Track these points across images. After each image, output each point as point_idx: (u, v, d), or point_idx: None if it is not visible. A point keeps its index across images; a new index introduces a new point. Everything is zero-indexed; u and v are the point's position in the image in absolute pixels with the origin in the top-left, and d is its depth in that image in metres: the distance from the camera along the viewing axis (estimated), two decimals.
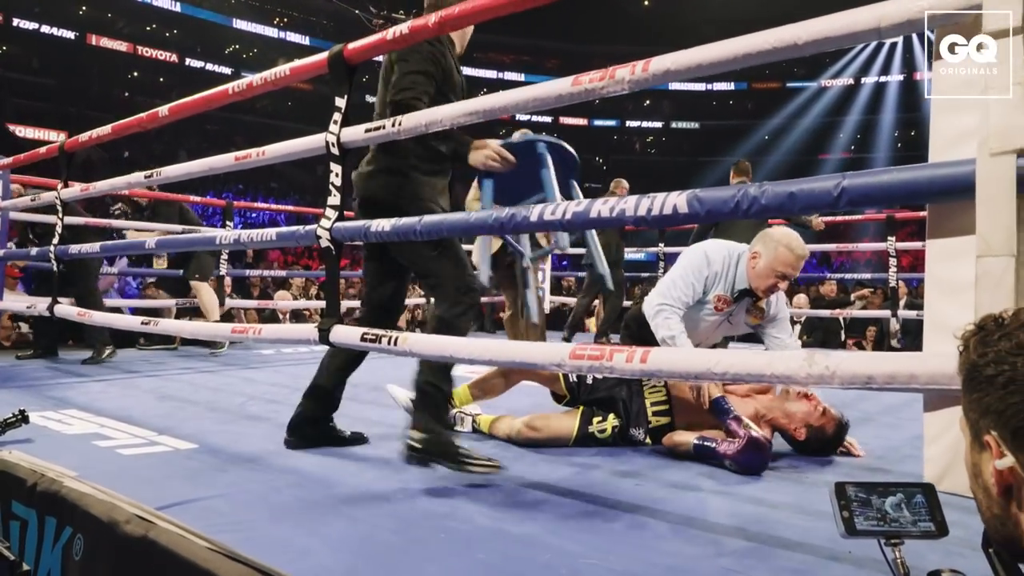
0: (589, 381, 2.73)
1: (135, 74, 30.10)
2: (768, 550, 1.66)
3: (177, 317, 6.01)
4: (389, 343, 1.90)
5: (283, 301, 6.89)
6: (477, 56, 35.11)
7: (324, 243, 2.12)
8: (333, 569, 1.52)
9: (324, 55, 2.20)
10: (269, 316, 6.95)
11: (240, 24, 31.60)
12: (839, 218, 7.73)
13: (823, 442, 2.60)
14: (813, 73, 31.73)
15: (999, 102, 1.05)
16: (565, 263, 8.58)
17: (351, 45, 2.14)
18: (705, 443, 2.44)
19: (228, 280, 6.32)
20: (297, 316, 7.28)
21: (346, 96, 2.15)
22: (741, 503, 2.05)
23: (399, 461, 2.39)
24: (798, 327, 8.29)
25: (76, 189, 3.46)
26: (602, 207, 1.52)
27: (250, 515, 1.83)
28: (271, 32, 32.74)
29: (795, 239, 2.85)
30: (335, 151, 2.13)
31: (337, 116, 2.14)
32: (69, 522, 1.92)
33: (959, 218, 1.13)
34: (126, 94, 28.62)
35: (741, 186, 1.33)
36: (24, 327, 5.56)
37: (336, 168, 2.14)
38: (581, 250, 6.23)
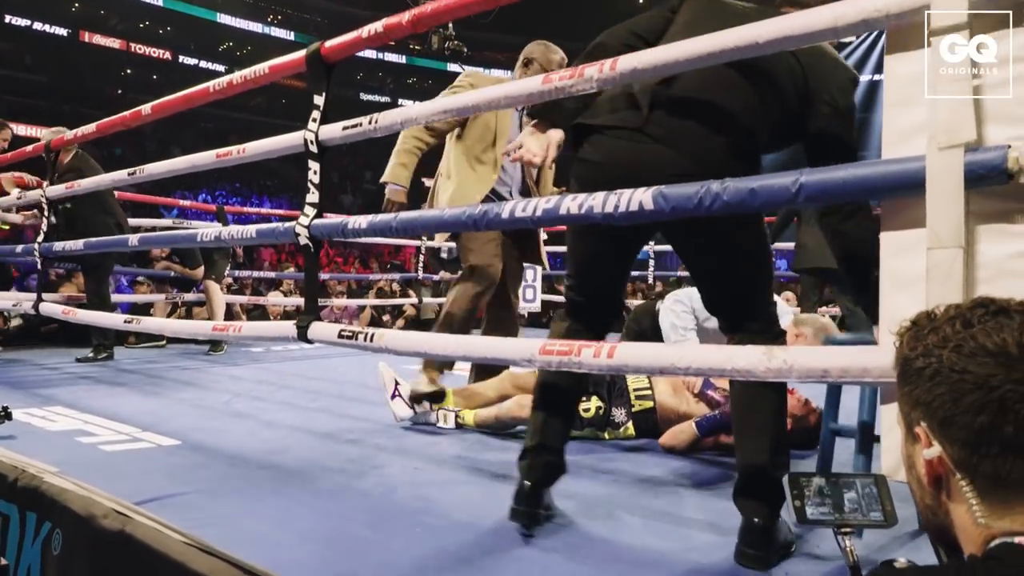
0: None
1: (128, 71, 30.05)
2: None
3: (170, 314, 6.06)
4: (366, 339, 1.91)
5: (274, 298, 6.91)
6: (472, 55, 35.14)
7: (303, 240, 2.13)
8: (305, 562, 1.53)
9: (302, 53, 2.22)
10: (260, 315, 6.96)
11: (234, 22, 31.53)
12: None
13: (806, 434, 2.64)
14: None
15: (947, 98, 1.07)
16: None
17: (328, 43, 2.16)
18: (705, 418, 2.51)
19: (229, 280, 6.38)
20: (288, 316, 7.30)
21: (324, 94, 2.16)
22: (716, 499, 2.06)
23: (380, 456, 2.42)
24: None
25: (61, 188, 3.48)
26: (571, 203, 1.54)
27: (228, 510, 1.84)
28: (265, 29, 32.70)
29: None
30: (313, 148, 2.14)
31: (316, 114, 2.15)
32: (48, 517, 1.93)
33: (911, 212, 1.15)
34: (119, 91, 28.55)
35: (704, 183, 1.35)
36: (14, 323, 5.58)
37: (314, 166, 2.15)
38: None
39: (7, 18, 25.85)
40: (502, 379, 2.95)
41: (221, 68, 31.54)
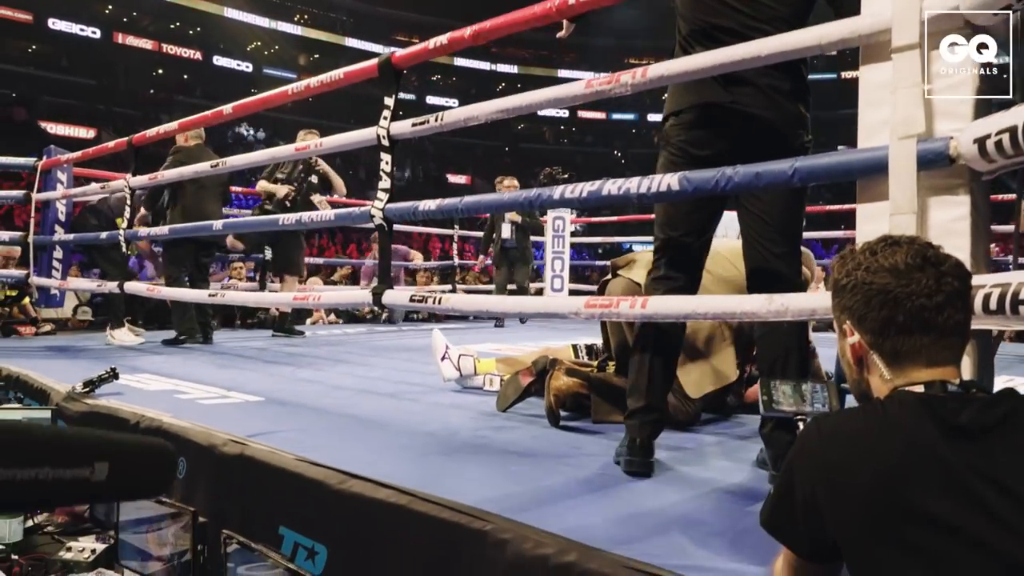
0: None
1: (160, 71, 30.77)
2: None
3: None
4: (434, 302, 2.28)
5: (317, 286, 7.33)
6: (496, 51, 35.58)
7: (378, 221, 2.51)
8: (393, 475, 1.88)
9: (374, 62, 2.59)
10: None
11: (264, 22, 32.16)
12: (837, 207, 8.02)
13: None
14: (831, 66, 31.75)
15: (904, 99, 1.41)
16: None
17: (398, 53, 2.53)
18: None
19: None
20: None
21: (394, 96, 2.53)
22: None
23: (438, 410, 2.79)
24: None
25: (144, 179, 3.89)
26: (611, 187, 1.90)
27: (323, 441, 2.21)
28: (292, 29, 33.30)
29: None
30: (385, 143, 2.52)
31: (386, 112, 2.53)
32: None
33: (879, 188, 1.48)
34: (151, 91, 29.31)
35: (720, 169, 1.70)
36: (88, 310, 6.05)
37: (386, 157, 2.53)
38: None
39: (50, 22, 26.60)
40: (540, 351, 3.30)
41: (248, 67, 32.26)
